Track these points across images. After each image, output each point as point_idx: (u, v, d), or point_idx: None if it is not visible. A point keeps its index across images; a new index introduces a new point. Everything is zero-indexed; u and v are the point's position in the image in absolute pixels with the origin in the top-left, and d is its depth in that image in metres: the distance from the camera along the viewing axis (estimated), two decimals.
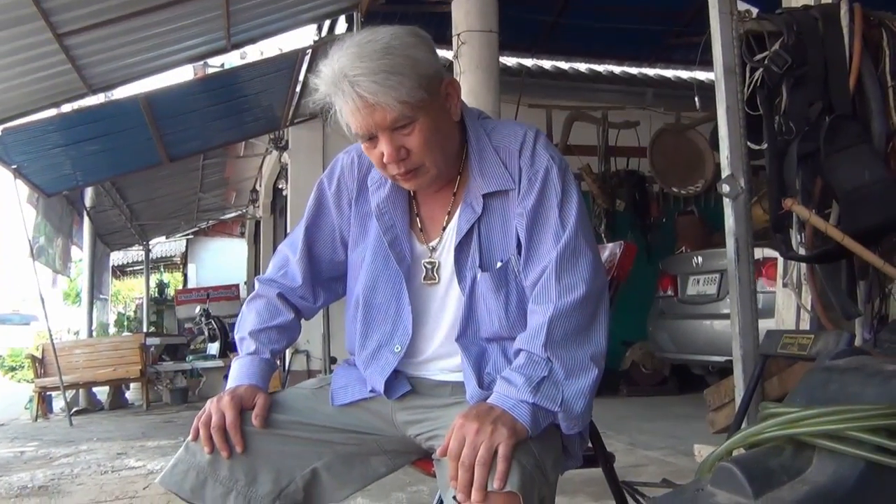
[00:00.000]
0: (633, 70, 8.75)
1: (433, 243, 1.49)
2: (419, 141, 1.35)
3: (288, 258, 1.61)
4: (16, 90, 5.46)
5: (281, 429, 1.41)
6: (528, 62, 8.29)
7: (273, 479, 1.37)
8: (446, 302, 1.47)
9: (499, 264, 1.42)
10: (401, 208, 1.51)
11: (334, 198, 1.57)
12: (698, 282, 5.80)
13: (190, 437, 1.38)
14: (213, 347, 9.65)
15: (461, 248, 1.44)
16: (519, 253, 1.41)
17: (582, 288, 1.33)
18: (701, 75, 7.60)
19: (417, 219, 1.51)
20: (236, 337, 1.57)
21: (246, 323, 1.56)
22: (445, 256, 1.47)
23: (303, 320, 1.65)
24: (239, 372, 1.48)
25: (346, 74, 1.29)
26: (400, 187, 1.50)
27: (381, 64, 1.29)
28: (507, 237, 1.43)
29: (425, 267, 1.48)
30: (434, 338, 1.48)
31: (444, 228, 1.48)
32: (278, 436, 1.40)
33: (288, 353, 7.42)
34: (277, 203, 10.93)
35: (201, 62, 6.75)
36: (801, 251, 2.83)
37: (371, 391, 1.49)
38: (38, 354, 8.33)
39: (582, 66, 8.59)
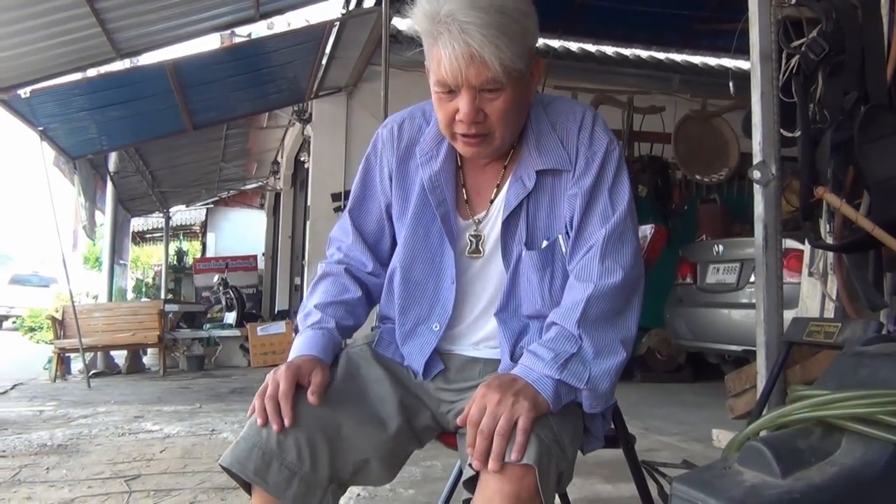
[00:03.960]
0: (660, 55, 8.67)
1: (478, 216, 1.46)
2: (500, 110, 1.31)
3: (343, 241, 1.58)
4: (44, 52, 5.47)
5: (340, 409, 1.35)
6: (555, 43, 8.23)
7: (329, 464, 1.32)
8: (487, 276, 1.45)
9: (545, 243, 1.41)
10: (452, 182, 1.47)
11: (379, 173, 1.54)
12: (718, 270, 5.76)
13: (252, 413, 1.31)
14: (230, 317, 9.74)
15: (508, 223, 1.42)
16: (567, 233, 1.39)
17: (621, 273, 1.33)
18: (729, 63, 7.54)
19: (463, 190, 1.48)
20: (299, 316, 1.51)
21: (311, 300, 1.51)
22: (490, 230, 1.45)
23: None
24: (299, 345, 1.43)
25: (456, 18, 1.24)
26: (450, 160, 1.47)
27: (494, 20, 1.24)
28: (554, 217, 1.41)
29: (470, 240, 1.45)
30: (471, 311, 1.47)
31: (491, 202, 1.45)
32: (338, 416, 1.34)
33: None
34: (298, 176, 10.94)
35: (228, 31, 6.75)
36: (829, 240, 2.81)
37: (405, 366, 1.48)
38: (59, 316, 8.40)
39: (609, 50, 8.53)
